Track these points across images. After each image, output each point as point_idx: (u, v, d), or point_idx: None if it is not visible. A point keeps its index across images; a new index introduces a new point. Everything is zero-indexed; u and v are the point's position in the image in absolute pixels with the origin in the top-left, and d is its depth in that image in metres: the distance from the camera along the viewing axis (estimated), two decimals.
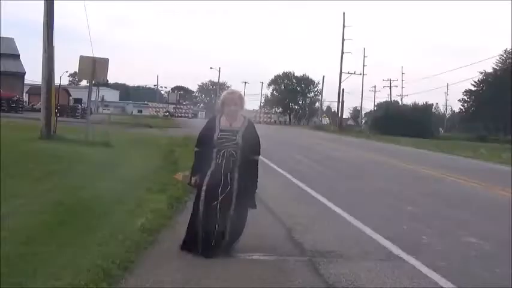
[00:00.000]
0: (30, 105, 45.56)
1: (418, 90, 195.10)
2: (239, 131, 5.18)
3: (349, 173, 14.42)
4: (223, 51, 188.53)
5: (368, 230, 6.86)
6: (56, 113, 17.99)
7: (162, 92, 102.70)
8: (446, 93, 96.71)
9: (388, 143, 36.38)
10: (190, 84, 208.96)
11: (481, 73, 65.67)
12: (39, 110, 20.74)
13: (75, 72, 63.77)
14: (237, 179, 5.11)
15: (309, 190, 10.24)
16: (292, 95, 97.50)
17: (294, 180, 11.72)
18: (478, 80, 66.48)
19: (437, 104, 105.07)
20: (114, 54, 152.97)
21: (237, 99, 5.31)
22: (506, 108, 54.95)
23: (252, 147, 5.21)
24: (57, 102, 18.51)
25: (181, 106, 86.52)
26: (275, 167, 13.98)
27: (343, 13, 65.76)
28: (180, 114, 77.51)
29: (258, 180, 5.29)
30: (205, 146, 5.22)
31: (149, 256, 5.15)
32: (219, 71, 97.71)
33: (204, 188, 5.13)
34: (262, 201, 8.80)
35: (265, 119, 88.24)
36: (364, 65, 71.25)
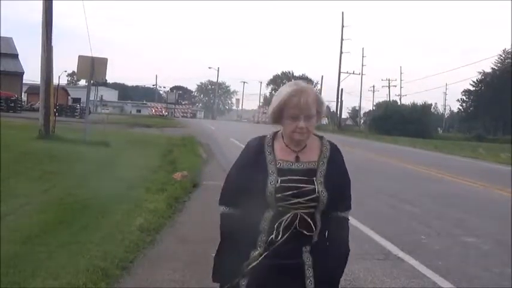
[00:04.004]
0: (29, 104, 45.46)
1: (417, 90, 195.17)
2: (318, 169, 2.26)
3: (350, 173, 14.40)
4: (222, 51, 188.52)
5: (367, 230, 6.87)
6: (55, 113, 17.97)
7: (161, 92, 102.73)
8: (445, 93, 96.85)
9: (386, 142, 36.39)
10: (189, 84, 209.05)
11: (480, 73, 65.80)
12: (37, 110, 20.70)
13: (73, 72, 63.81)
14: (311, 266, 2.24)
15: None
16: None
17: None
18: (477, 80, 66.59)
19: (436, 103, 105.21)
20: (113, 53, 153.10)
21: (312, 102, 2.22)
22: (505, 108, 55.02)
23: (340, 196, 2.31)
24: (55, 101, 18.50)
25: (180, 106, 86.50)
26: None
27: (342, 13, 65.73)
28: (180, 115, 77.50)
29: None
30: (243, 205, 2.28)
31: (148, 256, 5.15)
32: (218, 70, 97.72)
33: None
34: None
35: (263, 119, 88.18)
36: (363, 65, 71.19)
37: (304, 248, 2.18)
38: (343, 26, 64.09)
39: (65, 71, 61.05)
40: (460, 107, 72.14)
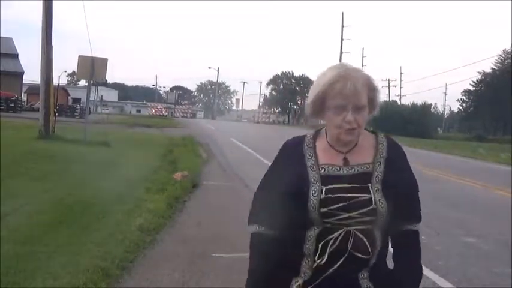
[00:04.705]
0: (29, 105, 45.46)
1: (417, 90, 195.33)
2: (373, 172, 1.76)
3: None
4: (222, 51, 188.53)
5: None
6: (55, 113, 17.97)
7: (161, 92, 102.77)
8: (445, 93, 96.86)
9: None
10: (189, 84, 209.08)
11: (480, 73, 65.79)
12: (37, 110, 20.70)
13: (73, 72, 63.75)
14: None
15: None
16: (291, 94, 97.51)
17: None
18: (477, 80, 66.59)
19: (436, 104, 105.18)
20: (113, 53, 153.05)
21: (361, 88, 1.72)
22: (505, 108, 55.01)
23: (405, 205, 1.81)
24: (55, 101, 18.50)
25: (180, 106, 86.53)
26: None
27: (342, 13, 65.79)
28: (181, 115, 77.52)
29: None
30: (280, 222, 1.84)
31: (148, 256, 5.15)
32: (218, 70, 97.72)
33: None
34: None
35: (263, 119, 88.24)
36: (362, 65, 71.32)
37: (361, 274, 1.70)
38: (343, 26, 64.15)
39: (65, 71, 61.16)
40: (460, 107, 72.12)
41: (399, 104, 77.59)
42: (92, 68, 16.84)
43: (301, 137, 1.88)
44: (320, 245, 1.68)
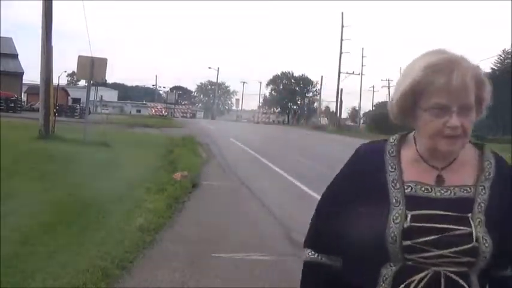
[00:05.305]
0: (29, 105, 45.46)
1: None
2: (476, 199, 1.33)
3: None
4: (222, 51, 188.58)
5: None
6: (55, 113, 17.97)
7: (161, 92, 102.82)
8: None
9: None
10: (188, 84, 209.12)
11: None
12: (37, 110, 20.69)
13: (73, 72, 63.74)
14: None
15: (306, 189, 10.25)
16: (291, 95, 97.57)
17: (292, 179, 11.73)
18: None
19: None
20: (113, 53, 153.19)
21: (470, 83, 1.30)
22: (505, 108, 55.10)
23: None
24: (55, 102, 18.50)
25: (180, 106, 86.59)
26: (279, 170, 13.99)
27: (342, 13, 65.78)
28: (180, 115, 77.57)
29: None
30: (344, 252, 1.42)
31: (148, 256, 5.15)
32: (218, 70, 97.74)
33: None
34: (260, 199, 8.82)
35: (263, 119, 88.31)
36: (362, 65, 71.33)
37: None
38: (342, 26, 64.12)
39: (65, 71, 61.07)
40: None
41: None
42: (92, 68, 16.85)
43: (381, 142, 1.45)
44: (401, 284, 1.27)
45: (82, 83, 77.81)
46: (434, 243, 1.25)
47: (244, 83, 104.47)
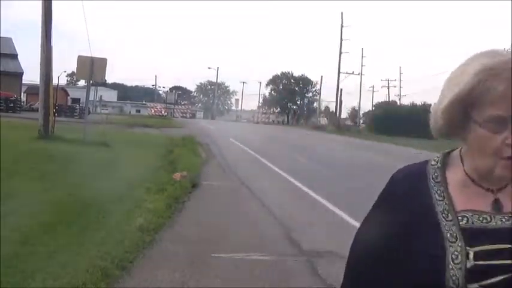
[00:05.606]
0: (28, 105, 45.45)
1: (416, 90, 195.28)
2: None
3: (349, 173, 14.44)
4: (222, 51, 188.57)
5: None
6: (54, 113, 17.98)
7: (160, 92, 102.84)
8: None
9: (386, 142, 36.41)
10: (188, 84, 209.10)
11: None
12: (37, 110, 20.68)
13: (73, 72, 63.75)
14: None
15: (306, 190, 10.25)
16: (291, 95, 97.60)
17: (292, 179, 11.73)
18: None
19: (435, 103, 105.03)
20: (113, 54, 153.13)
21: None
22: None
23: None
24: (55, 102, 18.50)
25: (180, 106, 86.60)
26: (275, 168, 14.00)
27: (341, 13, 65.83)
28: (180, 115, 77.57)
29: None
30: None
31: (148, 256, 5.15)
32: (218, 70, 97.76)
33: None
34: (259, 199, 8.83)
35: (263, 119, 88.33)
36: (362, 65, 71.33)
37: None
38: (342, 26, 64.14)
39: (65, 71, 61.11)
40: None
41: (399, 104, 77.72)
42: (92, 68, 16.86)
43: (421, 165, 1.23)
44: None
45: (82, 83, 77.74)
46: (507, 284, 1.01)
47: (244, 83, 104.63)
